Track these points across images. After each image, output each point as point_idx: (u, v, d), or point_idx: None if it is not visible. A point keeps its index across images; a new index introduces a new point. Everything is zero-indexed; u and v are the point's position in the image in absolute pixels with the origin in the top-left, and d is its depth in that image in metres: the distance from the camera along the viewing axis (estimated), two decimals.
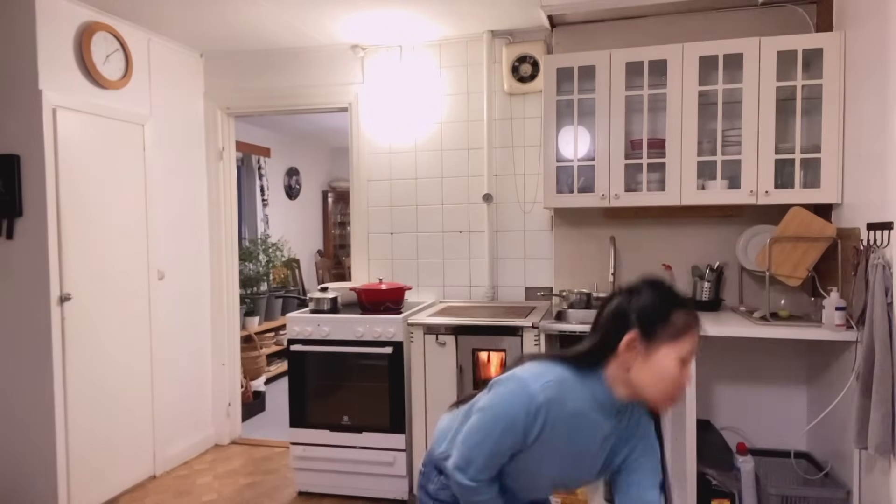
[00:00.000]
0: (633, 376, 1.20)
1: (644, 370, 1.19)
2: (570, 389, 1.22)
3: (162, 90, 3.50)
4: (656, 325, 1.19)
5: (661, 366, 1.18)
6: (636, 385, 1.21)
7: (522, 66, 3.32)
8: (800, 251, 2.64)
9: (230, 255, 3.93)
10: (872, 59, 2.31)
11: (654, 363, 1.18)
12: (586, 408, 1.23)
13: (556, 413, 1.21)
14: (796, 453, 2.69)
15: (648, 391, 1.20)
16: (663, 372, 1.18)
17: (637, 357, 1.19)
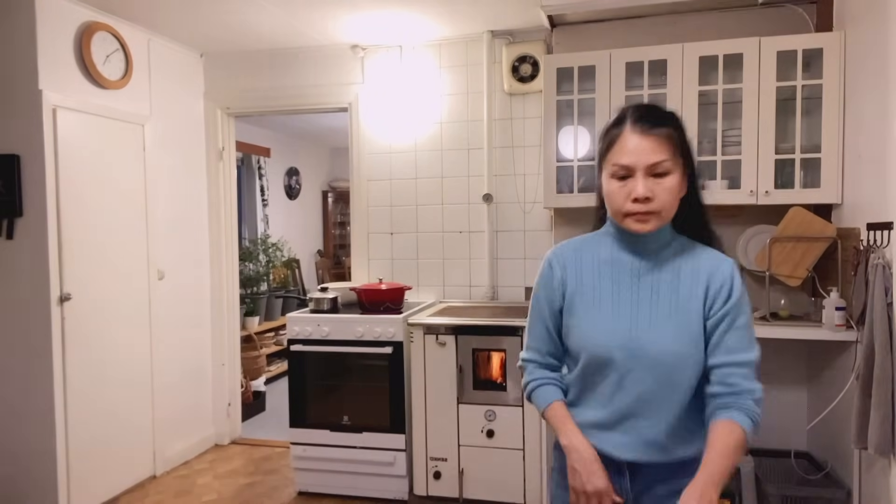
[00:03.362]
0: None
1: (605, 198, 1.26)
2: (583, 241, 1.33)
3: (162, 90, 3.50)
4: (600, 150, 1.27)
5: (605, 187, 1.23)
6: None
7: (522, 66, 3.32)
8: (800, 251, 2.64)
9: (230, 255, 3.93)
10: (872, 59, 2.31)
11: (603, 187, 1.25)
12: (605, 249, 1.28)
13: (572, 258, 1.30)
14: (796, 453, 2.69)
15: (613, 216, 1.24)
16: (607, 191, 1.23)
17: (601, 188, 1.27)
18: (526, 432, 2.80)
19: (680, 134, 1.20)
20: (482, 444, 2.86)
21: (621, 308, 1.22)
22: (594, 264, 1.27)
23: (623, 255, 1.25)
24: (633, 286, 1.23)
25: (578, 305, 1.25)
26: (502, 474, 2.83)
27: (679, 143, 1.19)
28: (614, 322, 1.21)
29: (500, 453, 2.84)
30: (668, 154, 1.16)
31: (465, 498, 2.89)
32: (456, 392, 2.88)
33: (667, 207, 1.18)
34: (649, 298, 1.21)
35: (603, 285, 1.25)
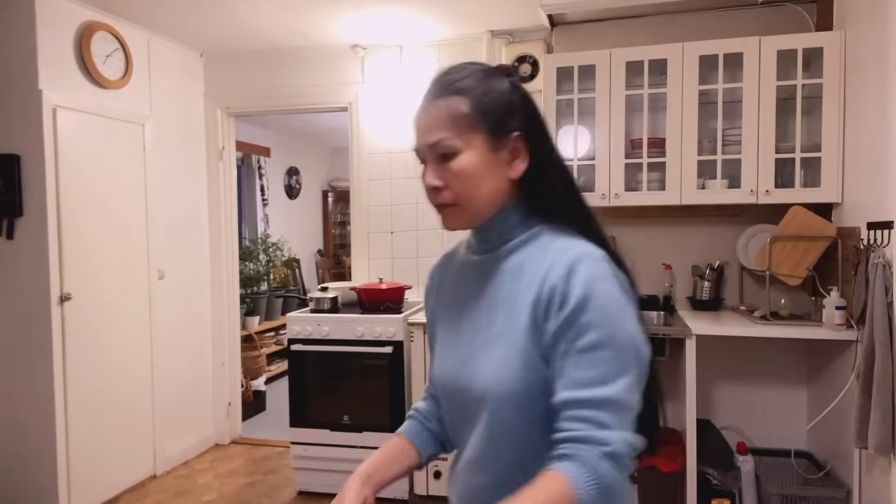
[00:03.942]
0: None
1: None
2: (458, 244, 1.07)
3: (162, 90, 3.49)
4: None
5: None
6: None
7: (522, 66, 3.32)
8: (800, 250, 2.64)
9: (230, 254, 3.93)
10: (872, 58, 2.31)
11: None
12: (461, 254, 1.04)
13: (438, 270, 1.08)
14: (796, 453, 2.69)
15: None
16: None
17: None
18: None
19: (478, 99, 0.91)
20: None
21: (459, 332, 0.95)
22: (452, 275, 1.03)
23: (470, 259, 1.00)
24: (470, 301, 0.96)
25: (436, 329, 1.03)
26: None
27: (477, 112, 0.90)
28: (448, 351, 0.97)
29: None
30: (450, 129, 0.89)
31: None
32: None
33: (466, 196, 0.89)
34: (484, 316, 0.92)
35: (451, 301, 1.01)
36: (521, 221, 0.93)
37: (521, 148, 0.91)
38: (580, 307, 0.80)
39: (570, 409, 0.77)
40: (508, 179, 0.91)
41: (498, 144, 0.90)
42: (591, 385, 0.77)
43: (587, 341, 0.79)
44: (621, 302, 0.82)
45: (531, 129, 0.93)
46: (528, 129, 0.92)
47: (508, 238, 0.93)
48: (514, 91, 0.95)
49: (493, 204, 0.91)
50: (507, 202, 0.93)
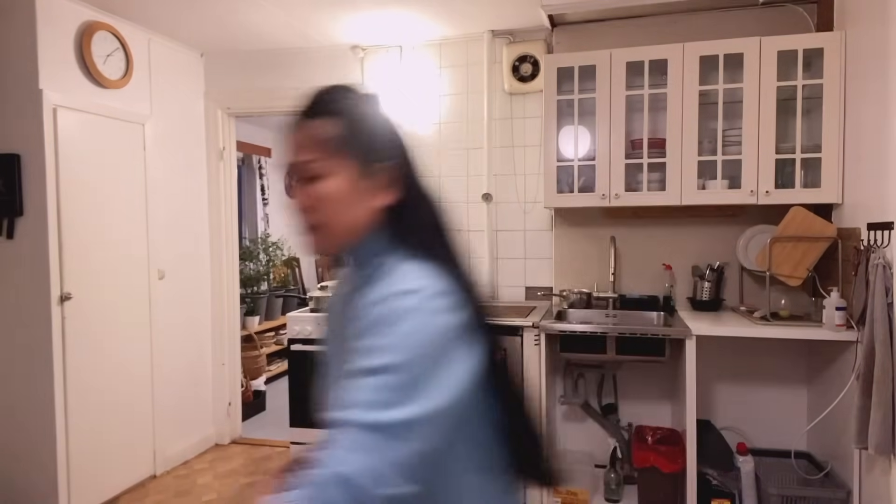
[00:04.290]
0: None
1: None
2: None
3: (162, 90, 3.49)
4: None
5: None
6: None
7: (523, 66, 3.32)
8: (800, 251, 2.64)
9: (230, 254, 3.93)
10: (873, 59, 2.31)
11: None
12: (342, 280, 1.01)
13: (332, 298, 1.05)
14: (796, 453, 2.69)
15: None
16: None
17: None
18: None
19: (352, 124, 0.88)
20: None
21: (328, 367, 0.98)
22: (333, 308, 1.02)
23: (343, 290, 0.98)
24: (332, 337, 0.98)
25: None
26: None
27: (349, 137, 0.87)
28: (325, 383, 0.97)
29: None
30: (319, 152, 0.86)
31: None
32: None
33: (330, 221, 0.87)
34: (338, 353, 0.93)
35: (326, 336, 1.02)
36: (382, 251, 0.90)
37: (391, 178, 0.90)
38: (375, 332, 0.77)
39: (332, 428, 0.73)
40: (375, 208, 0.89)
41: (367, 172, 0.88)
42: (354, 406, 0.72)
43: (373, 363, 0.74)
44: (428, 338, 0.76)
45: (402, 160, 0.91)
46: (399, 159, 0.91)
47: (367, 269, 0.91)
48: (388, 120, 0.93)
49: (357, 231, 0.89)
50: (371, 231, 0.90)
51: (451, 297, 0.82)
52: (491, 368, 0.88)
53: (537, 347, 2.75)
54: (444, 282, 0.83)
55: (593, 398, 3.13)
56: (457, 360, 0.79)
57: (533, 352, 2.76)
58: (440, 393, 0.75)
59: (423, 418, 0.73)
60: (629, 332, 2.63)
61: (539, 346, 2.75)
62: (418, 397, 0.73)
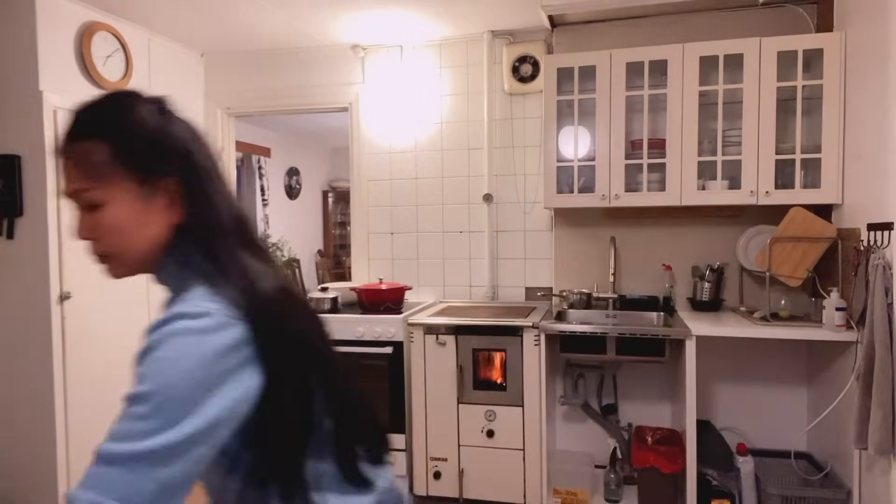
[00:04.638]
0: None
1: None
2: None
3: (162, 90, 3.48)
4: None
5: None
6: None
7: (523, 66, 3.32)
8: (800, 251, 2.64)
9: None
10: (873, 59, 2.31)
11: None
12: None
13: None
14: (796, 453, 2.69)
15: None
16: None
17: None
18: (526, 432, 2.80)
19: (120, 142, 0.81)
20: (482, 444, 2.86)
21: None
22: None
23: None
24: None
25: None
26: (502, 474, 2.83)
27: (119, 158, 0.80)
28: None
29: (500, 453, 2.84)
30: (89, 179, 0.80)
31: (465, 498, 2.89)
32: (456, 392, 2.88)
33: (119, 250, 0.83)
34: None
35: None
36: (179, 269, 0.85)
37: (177, 192, 0.84)
38: (137, 360, 0.74)
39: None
40: (163, 230, 0.84)
41: (149, 190, 0.82)
42: (112, 436, 0.71)
43: (132, 392, 0.72)
44: (184, 364, 0.73)
45: (185, 172, 0.84)
46: (184, 171, 0.84)
47: (171, 289, 0.87)
48: (168, 129, 0.85)
49: (151, 252, 0.85)
50: (165, 253, 0.86)
51: (226, 317, 0.77)
52: (313, 370, 0.86)
53: (537, 348, 2.75)
54: (226, 300, 0.79)
55: (593, 398, 3.13)
56: (228, 380, 0.75)
57: (533, 352, 2.77)
58: (199, 417, 0.72)
59: (177, 444, 0.70)
60: (629, 333, 2.63)
61: (539, 347, 2.75)
62: (172, 423, 0.71)
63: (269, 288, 0.85)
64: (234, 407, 0.76)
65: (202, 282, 0.82)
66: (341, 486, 0.89)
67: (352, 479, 0.90)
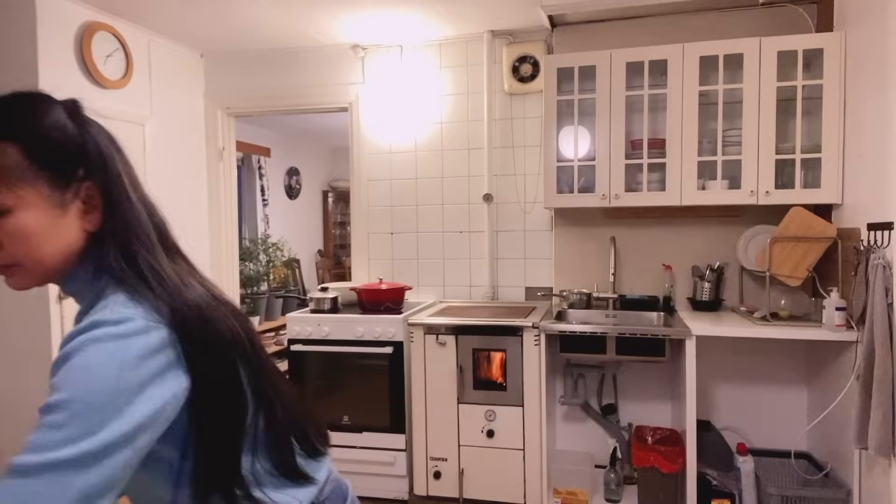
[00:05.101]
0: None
1: None
2: None
3: (162, 90, 3.50)
4: None
5: None
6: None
7: (523, 66, 3.32)
8: (800, 251, 2.64)
9: (230, 254, 3.93)
10: (873, 59, 2.31)
11: None
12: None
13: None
14: (796, 453, 2.69)
15: None
16: None
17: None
18: (526, 432, 2.80)
19: (31, 145, 0.77)
20: (482, 444, 2.86)
21: None
22: None
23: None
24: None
25: None
26: (502, 474, 2.83)
27: (30, 161, 0.77)
28: None
29: (500, 453, 2.84)
30: (0, 182, 0.76)
31: (465, 498, 2.89)
32: (456, 392, 2.88)
33: (28, 259, 0.79)
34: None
35: None
36: (93, 277, 0.82)
37: (93, 196, 0.81)
38: (53, 369, 0.72)
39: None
40: (76, 236, 0.81)
41: (63, 196, 0.79)
42: (28, 448, 0.71)
43: (46, 401, 0.71)
44: (103, 371, 0.70)
45: (101, 175, 0.82)
46: (98, 175, 0.81)
47: (86, 294, 0.83)
48: (82, 132, 0.82)
49: (63, 262, 0.81)
50: (77, 262, 0.82)
51: (147, 321, 0.76)
52: (242, 375, 0.84)
53: (537, 348, 2.75)
54: (147, 305, 0.77)
55: (593, 398, 3.13)
56: (151, 384, 0.74)
57: (533, 352, 2.77)
58: (120, 422, 0.70)
59: (97, 451, 0.69)
60: (629, 333, 2.63)
61: (539, 347, 2.75)
62: (91, 431, 0.69)
63: (192, 292, 0.83)
64: (158, 411, 0.74)
65: (121, 289, 0.79)
66: (279, 481, 0.89)
67: (288, 474, 0.90)
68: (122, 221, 0.83)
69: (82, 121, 0.83)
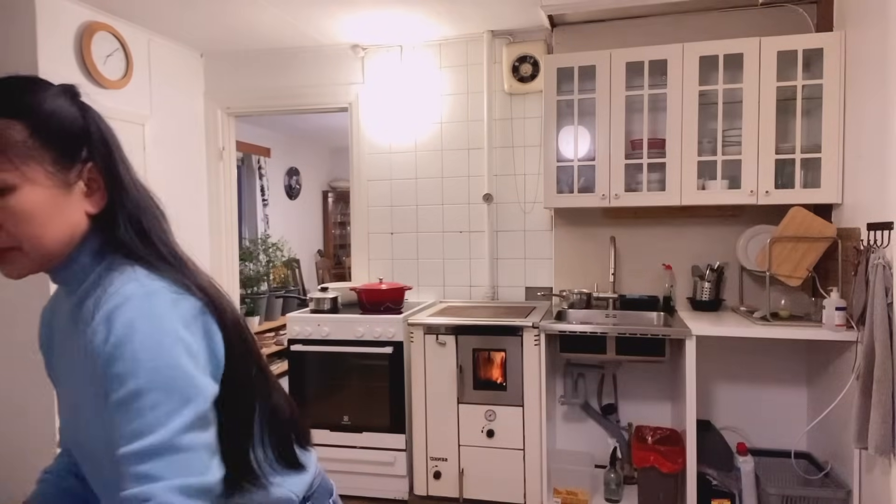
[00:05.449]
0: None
1: None
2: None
3: (162, 90, 3.50)
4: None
5: None
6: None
7: (523, 66, 3.32)
8: (800, 251, 2.64)
9: (230, 254, 3.93)
10: (873, 58, 2.31)
11: None
12: (63, 295, 0.90)
13: (49, 319, 0.95)
14: (796, 453, 2.69)
15: None
16: None
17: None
18: (526, 432, 2.80)
19: (39, 123, 0.76)
20: (482, 444, 2.86)
21: (66, 388, 0.88)
22: (59, 326, 0.90)
23: (68, 304, 0.86)
24: (66, 355, 0.86)
25: (55, 384, 0.93)
26: (502, 474, 2.83)
27: (37, 139, 0.76)
28: (64, 407, 0.90)
29: (500, 453, 2.84)
30: (5, 159, 0.74)
31: (465, 498, 2.89)
32: (456, 392, 2.88)
33: (29, 239, 0.77)
34: (77, 372, 0.82)
35: (59, 354, 0.90)
36: (93, 260, 0.82)
37: (95, 179, 0.81)
38: (112, 358, 0.72)
39: (123, 466, 0.70)
40: (85, 214, 0.81)
41: (66, 177, 0.78)
42: (135, 437, 0.70)
43: (125, 392, 0.71)
44: (162, 340, 0.72)
45: (104, 157, 0.82)
46: (101, 156, 0.82)
47: (83, 279, 0.82)
48: (83, 114, 0.82)
49: (65, 245, 0.80)
50: (78, 245, 0.81)
51: (173, 290, 0.78)
52: (235, 359, 0.84)
53: (537, 347, 2.75)
54: (168, 278, 0.79)
55: (593, 398, 3.13)
56: (208, 336, 0.78)
57: (533, 352, 2.77)
58: (199, 387, 0.74)
59: (198, 418, 0.72)
60: (629, 333, 2.63)
61: (539, 347, 2.75)
62: (184, 402, 0.72)
63: (202, 275, 0.85)
64: (218, 363, 0.79)
65: (138, 264, 0.79)
66: (279, 467, 0.92)
67: (289, 461, 0.93)
68: (131, 200, 0.84)
69: (82, 104, 0.83)
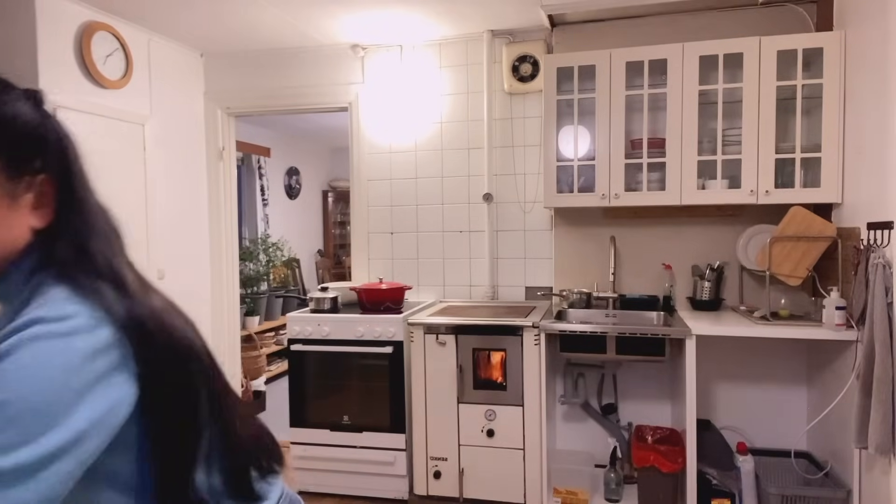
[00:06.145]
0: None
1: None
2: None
3: (162, 90, 3.50)
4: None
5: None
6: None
7: (522, 66, 3.32)
8: (800, 251, 2.64)
9: (230, 254, 3.93)
10: (873, 58, 2.31)
11: None
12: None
13: None
14: (796, 453, 2.69)
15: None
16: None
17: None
18: (526, 432, 2.80)
19: None
20: (482, 444, 2.86)
21: None
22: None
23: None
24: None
25: None
26: (502, 474, 2.83)
27: None
28: None
29: (500, 453, 2.84)
30: None
31: (465, 497, 2.89)
32: (456, 392, 2.88)
33: None
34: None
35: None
36: (26, 279, 0.74)
37: (46, 192, 0.75)
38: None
39: None
40: (30, 228, 0.74)
41: (15, 186, 0.72)
42: None
43: None
44: (46, 371, 0.64)
45: (59, 170, 0.76)
46: (55, 169, 0.76)
47: (17, 295, 0.75)
48: (44, 122, 0.76)
49: (3, 258, 0.73)
50: (17, 260, 0.75)
51: (93, 318, 0.70)
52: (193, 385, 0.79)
53: (537, 347, 2.75)
54: (94, 302, 0.71)
55: (593, 398, 3.13)
56: (96, 387, 0.68)
57: (533, 352, 2.77)
58: (63, 430, 0.64)
59: (36, 461, 0.62)
60: (629, 332, 2.63)
61: (539, 346, 2.75)
62: (30, 438, 0.62)
63: (152, 297, 0.80)
64: (104, 416, 0.68)
65: (63, 283, 0.72)
66: (229, 499, 0.84)
67: (241, 494, 0.85)
68: (81, 218, 0.78)
69: (44, 112, 0.77)
